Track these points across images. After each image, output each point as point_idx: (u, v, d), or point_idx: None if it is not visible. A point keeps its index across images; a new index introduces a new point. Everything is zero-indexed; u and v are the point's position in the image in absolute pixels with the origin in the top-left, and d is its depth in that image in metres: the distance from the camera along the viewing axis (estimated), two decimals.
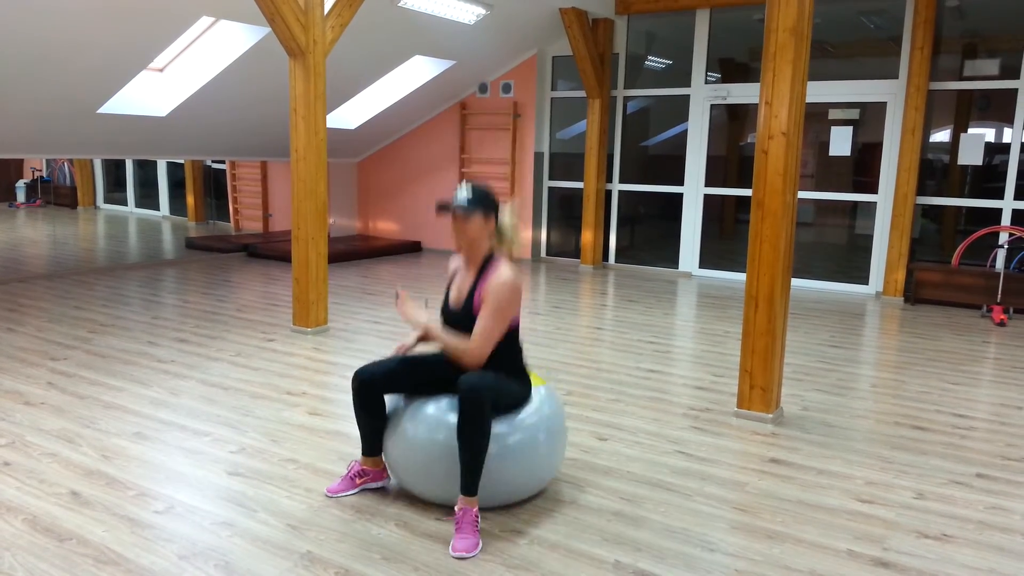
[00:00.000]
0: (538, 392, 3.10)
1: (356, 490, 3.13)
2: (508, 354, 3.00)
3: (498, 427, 2.88)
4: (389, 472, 3.18)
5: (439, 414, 2.94)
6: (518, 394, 2.99)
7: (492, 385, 2.81)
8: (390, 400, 3.11)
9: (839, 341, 5.95)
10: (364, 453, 3.13)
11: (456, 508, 2.79)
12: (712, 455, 3.63)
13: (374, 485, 3.16)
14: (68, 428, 3.75)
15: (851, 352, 5.63)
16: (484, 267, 2.97)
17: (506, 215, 3.02)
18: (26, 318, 6.00)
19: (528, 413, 3.00)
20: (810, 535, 2.88)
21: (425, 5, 7.26)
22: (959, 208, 7.84)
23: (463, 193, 2.93)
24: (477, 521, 2.77)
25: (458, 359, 2.92)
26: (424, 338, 3.12)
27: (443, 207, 2.95)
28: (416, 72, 9.05)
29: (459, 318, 2.98)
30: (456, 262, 3.10)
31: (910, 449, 3.76)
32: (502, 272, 2.91)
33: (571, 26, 8.32)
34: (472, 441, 2.74)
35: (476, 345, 2.88)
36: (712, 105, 8.72)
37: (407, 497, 3.10)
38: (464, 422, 2.73)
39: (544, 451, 3.01)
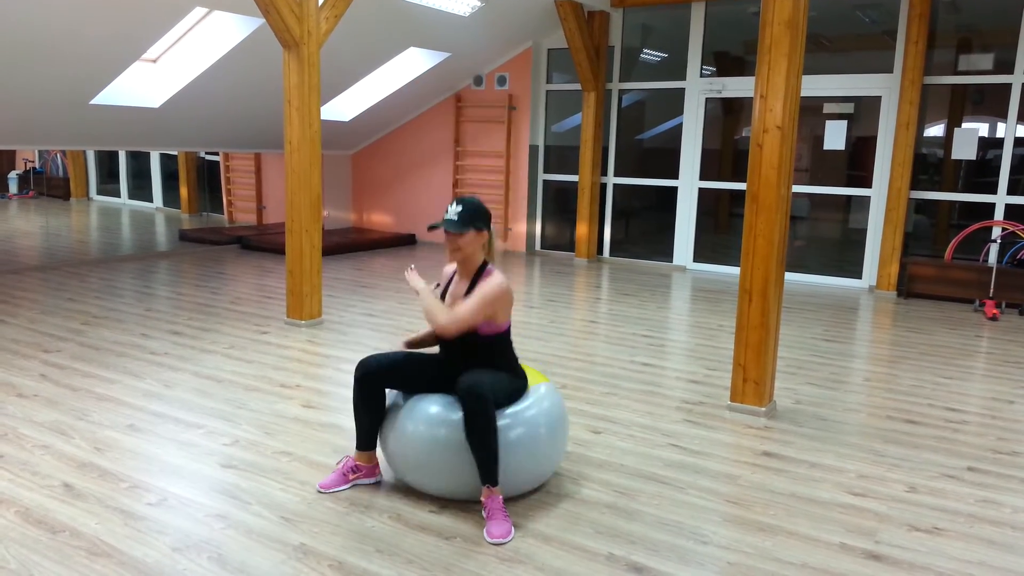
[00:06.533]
0: (538, 389, 3.13)
1: (348, 486, 3.13)
2: (502, 355, 3.08)
3: (499, 421, 2.92)
4: (382, 468, 3.22)
5: (440, 411, 2.96)
6: (514, 385, 3.05)
7: (490, 380, 2.89)
8: (390, 395, 3.15)
9: (832, 335, 5.97)
10: (359, 447, 3.13)
11: (482, 498, 2.86)
12: (705, 448, 3.64)
13: (366, 481, 3.16)
14: (61, 420, 3.74)
15: (844, 346, 5.65)
16: (478, 275, 3.05)
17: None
18: (19, 310, 5.98)
19: (527, 406, 3.02)
20: (802, 528, 2.89)
21: None
22: (952, 202, 7.86)
23: (455, 210, 2.98)
24: (504, 507, 2.85)
25: (433, 319, 2.96)
26: (426, 341, 3.24)
27: (435, 227, 2.98)
28: (411, 64, 9.03)
29: None
30: (451, 267, 3.20)
31: (902, 443, 3.78)
32: (496, 276, 3.03)
33: (567, 18, 8.31)
34: (482, 437, 2.80)
35: (453, 318, 2.93)
36: (707, 99, 8.72)
37: (401, 490, 3.11)
38: (470, 420, 2.79)
39: (545, 444, 3.04)
